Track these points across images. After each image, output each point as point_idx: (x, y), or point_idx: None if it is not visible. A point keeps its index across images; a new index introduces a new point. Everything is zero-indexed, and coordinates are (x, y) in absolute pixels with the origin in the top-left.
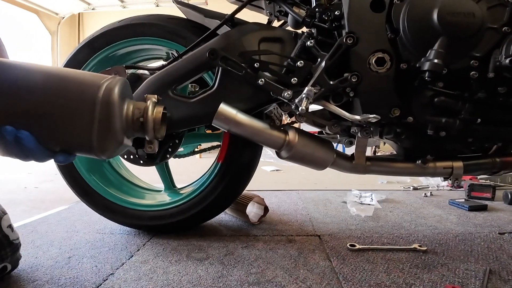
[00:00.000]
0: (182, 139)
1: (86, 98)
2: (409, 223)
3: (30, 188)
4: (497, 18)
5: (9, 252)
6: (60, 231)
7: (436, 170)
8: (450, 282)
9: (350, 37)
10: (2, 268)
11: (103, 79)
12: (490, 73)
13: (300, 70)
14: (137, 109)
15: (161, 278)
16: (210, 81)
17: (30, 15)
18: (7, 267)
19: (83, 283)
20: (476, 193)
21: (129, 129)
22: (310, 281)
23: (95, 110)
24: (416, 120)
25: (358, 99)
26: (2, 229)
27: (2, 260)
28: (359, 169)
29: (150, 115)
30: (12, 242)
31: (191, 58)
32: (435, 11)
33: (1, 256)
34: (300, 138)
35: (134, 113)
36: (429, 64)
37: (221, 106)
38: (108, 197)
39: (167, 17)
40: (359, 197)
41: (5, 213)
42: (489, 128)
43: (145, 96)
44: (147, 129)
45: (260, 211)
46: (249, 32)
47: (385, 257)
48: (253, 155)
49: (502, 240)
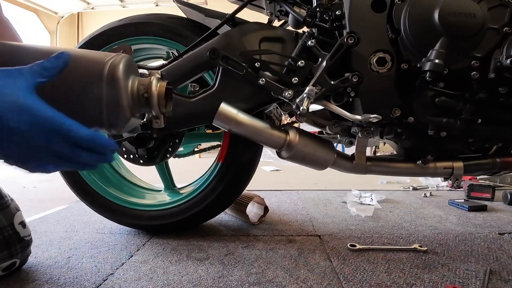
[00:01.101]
0: (182, 138)
1: (92, 75)
2: (409, 223)
3: (29, 188)
4: (498, 18)
5: (19, 249)
6: (59, 231)
7: (436, 170)
8: (450, 282)
9: (351, 37)
10: (12, 263)
11: (108, 56)
12: (491, 73)
13: (301, 70)
14: (141, 85)
15: (161, 278)
16: (210, 80)
17: (29, 14)
18: (16, 263)
19: (83, 283)
20: (475, 194)
21: (135, 105)
22: (311, 281)
23: (102, 87)
24: (417, 120)
25: (359, 99)
26: (14, 225)
27: (11, 257)
28: (360, 169)
29: (154, 90)
30: (23, 239)
31: (192, 58)
32: (436, 11)
33: (11, 253)
34: (300, 138)
35: (138, 88)
36: (430, 64)
37: (222, 105)
38: (108, 196)
39: (167, 16)
40: (359, 197)
41: (18, 209)
42: (490, 128)
43: (149, 72)
44: (152, 104)
45: (260, 211)
46: (250, 32)
47: (386, 257)
48: (254, 155)
49: (502, 240)
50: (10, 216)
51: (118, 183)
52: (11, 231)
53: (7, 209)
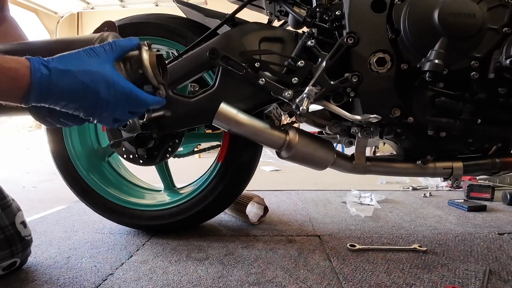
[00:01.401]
0: (182, 138)
1: None
2: (408, 224)
3: (29, 188)
4: (497, 18)
5: (19, 248)
6: (58, 231)
7: (436, 171)
8: (450, 282)
9: (350, 37)
10: (12, 263)
11: (95, 37)
12: (490, 73)
13: (301, 70)
14: (132, 60)
15: (160, 278)
16: (210, 80)
17: (29, 14)
18: (16, 263)
19: (82, 283)
20: (475, 194)
21: (132, 81)
22: (311, 281)
23: None
24: (416, 120)
25: (358, 99)
26: (15, 225)
27: (12, 256)
28: (359, 169)
29: (146, 64)
30: (24, 238)
31: (192, 58)
32: (435, 11)
33: (12, 252)
34: (300, 138)
35: (131, 64)
36: (430, 64)
37: (222, 105)
38: (108, 196)
39: (167, 16)
40: (358, 197)
41: (20, 209)
42: (490, 128)
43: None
44: (149, 77)
45: (260, 211)
46: (250, 32)
47: (385, 257)
48: (253, 155)
49: (501, 240)
50: (12, 215)
51: (118, 183)
52: (12, 230)
53: (8, 209)
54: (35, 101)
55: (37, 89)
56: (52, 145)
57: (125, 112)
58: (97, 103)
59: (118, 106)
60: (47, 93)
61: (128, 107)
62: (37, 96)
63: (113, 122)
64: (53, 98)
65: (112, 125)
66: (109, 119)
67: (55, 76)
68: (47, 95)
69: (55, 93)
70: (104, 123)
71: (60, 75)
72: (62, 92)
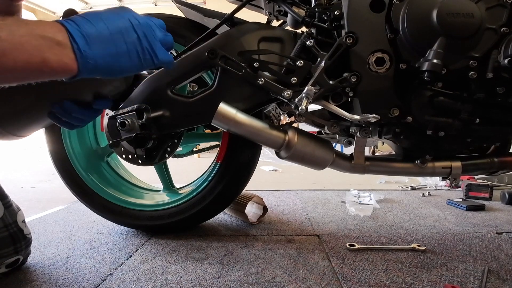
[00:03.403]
0: (181, 138)
1: None
2: (407, 223)
3: (27, 188)
4: (496, 18)
5: (23, 245)
6: (57, 231)
7: (434, 170)
8: (449, 282)
9: (349, 37)
10: (16, 260)
11: None
12: (488, 73)
13: (300, 70)
14: None
15: (160, 278)
16: (209, 80)
17: (27, 14)
18: (19, 260)
19: (82, 283)
20: (473, 193)
21: None
22: (310, 281)
23: None
24: (415, 120)
25: (357, 99)
26: (17, 223)
27: (17, 253)
28: (358, 169)
29: None
30: (26, 236)
31: (190, 58)
32: (434, 11)
33: (16, 249)
34: (299, 138)
35: None
36: (428, 64)
37: (221, 105)
38: (107, 197)
39: (165, 16)
40: (357, 197)
41: (19, 209)
42: (488, 128)
43: None
44: None
45: (259, 211)
46: (249, 32)
47: (384, 256)
48: (252, 155)
49: (500, 239)
50: (14, 214)
51: (117, 183)
52: (15, 228)
53: (10, 208)
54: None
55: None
56: (50, 145)
57: None
58: None
59: None
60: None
61: None
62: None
63: None
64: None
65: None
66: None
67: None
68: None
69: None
70: (159, 51)
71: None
72: None
